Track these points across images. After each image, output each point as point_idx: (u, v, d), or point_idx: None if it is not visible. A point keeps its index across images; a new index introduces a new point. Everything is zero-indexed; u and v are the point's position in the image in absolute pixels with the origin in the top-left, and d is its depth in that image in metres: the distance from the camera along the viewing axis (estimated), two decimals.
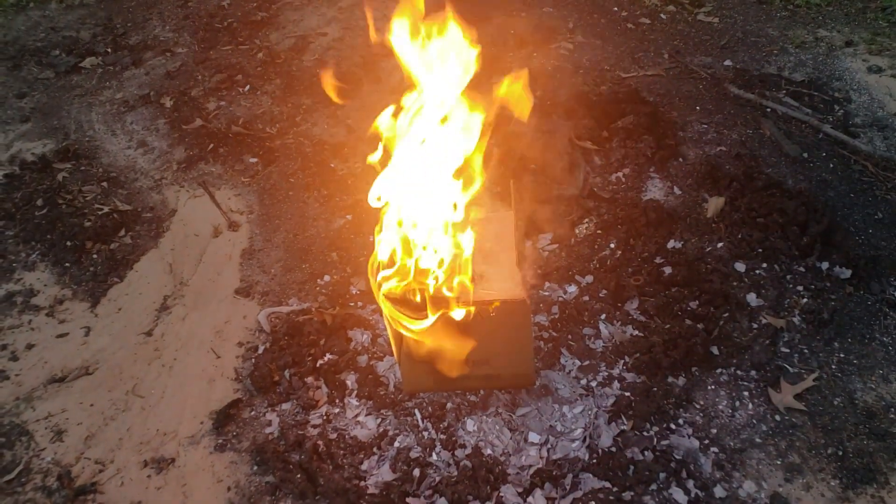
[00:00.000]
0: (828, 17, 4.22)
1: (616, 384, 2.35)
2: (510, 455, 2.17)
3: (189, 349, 2.64)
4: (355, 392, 2.39)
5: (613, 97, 3.57)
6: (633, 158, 3.22)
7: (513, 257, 2.15)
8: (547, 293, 2.69)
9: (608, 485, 2.07)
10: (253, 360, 2.55)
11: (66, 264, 3.05)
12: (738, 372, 2.38)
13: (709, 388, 2.34)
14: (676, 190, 3.09)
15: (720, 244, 2.79)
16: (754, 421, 2.23)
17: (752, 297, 2.59)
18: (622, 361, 2.42)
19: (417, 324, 1.99)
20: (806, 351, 2.43)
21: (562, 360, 2.43)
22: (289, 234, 3.11)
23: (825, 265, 2.68)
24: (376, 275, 1.99)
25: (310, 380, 2.44)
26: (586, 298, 2.64)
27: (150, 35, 4.66)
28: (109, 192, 3.42)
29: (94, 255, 3.09)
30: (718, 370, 2.38)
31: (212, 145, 3.65)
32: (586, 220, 2.97)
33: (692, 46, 4.06)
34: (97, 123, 3.92)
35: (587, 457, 2.14)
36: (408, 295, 1.97)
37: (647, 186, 3.12)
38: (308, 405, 2.37)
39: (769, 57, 3.90)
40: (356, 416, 2.33)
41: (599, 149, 3.31)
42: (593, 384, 2.36)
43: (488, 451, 2.18)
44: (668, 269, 2.71)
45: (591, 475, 2.10)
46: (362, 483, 2.14)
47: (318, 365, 2.49)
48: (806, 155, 3.20)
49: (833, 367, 2.38)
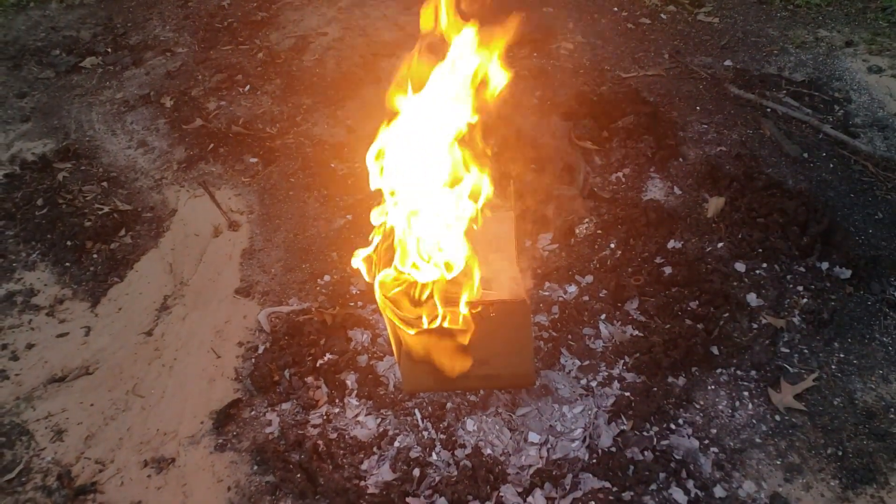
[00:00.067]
0: (828, 17, 4.22)
1: (616, 384, 2.35)
2: (510, 455, 2.17)
3: (189, 349, 2.64)
4: (355, 392, 2.39)
5: (613, 97, 3.57)
6: (633, 158, 3.22)
7: (513, 257, 2.15)
8: (547, 293, 2.69)
9: (608, 485, 2.07)
10: (253, 360, 2.55)
11: (67, 264, 3.05)
12: (738, 372, 2.38)
13: (709, 388, 2.34)
14: (677, 190, 3.09)
15: (720, 244, 2.79)
16: (754, 421, 2.23)
17: (752, 297, 2.59)
18: (622, 361, 2.42)
19: (417, 327, 1.99)
20: (806, 351, 2.43)
21: (562, 360, 2.43)
22: (289, 233, 3.11)
23: (825, 265, 2.68)
24: (376, 274, 2.00)
25: (310, 380, 2.44)
26: (586, 298, 2.64)
27: (151, 35, 4.66)
28: (110, 192, 3.42)
29: (95, 255, 3.09)
30: (718, 370, 2.38)
31: (212, 145, 3.65)
32: (586, 220, 2.97)
33: (692, 46, 4.06)
34: (97, 123, 3.92)
35: (587, 457, 2.14)
36: (408, 294, 1.97)
37: (647, 186, 3.12)
38: (308, 405, 2.37)
39: (769, 57, 3.90)
40: (356, 415, 2.33)
41: (599, 149, 3.31)
42: (593, 384, 2.36)
43: (488, 451, 2.18)
44: (668, 269, 2.71)
45: (591, 475, 2.10)
46: (362, 483, 2.14)
47: (318, 365, 2.49)
48: (806, 155, 3.20)
49: (833, 367, 2.38)
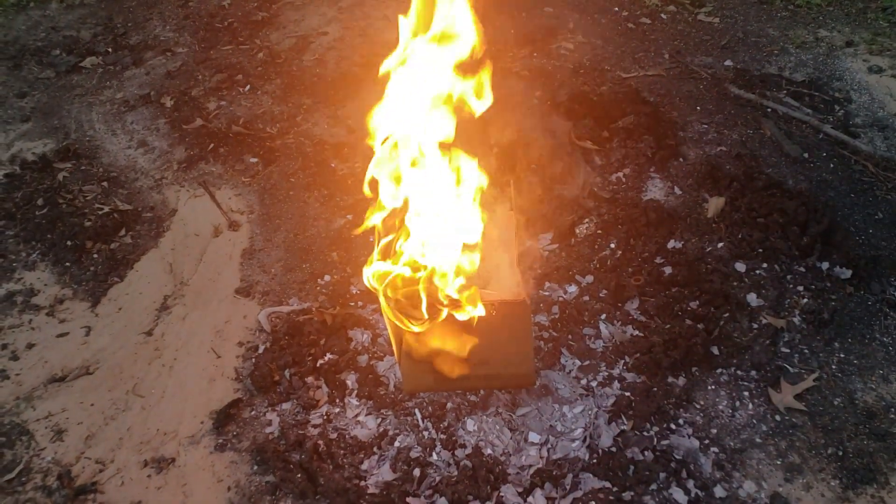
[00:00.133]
0: (828, 17, 4.22)
1: (616, 384, 2.35)
2: (510, 455, 2.17)
3: (189, 349, 2.64)
4: (355, 392, 2.39)
5: (614, 97, 3.57)
6: (633, 158, 3.22)
7: (513, 257, 2.15)
8: (547, 293, 2.69)
9: (608, 485, 2.07)
10: (253, 360, 2.55)
11: (67, 264, 3.05)
12: (739, 372, 2.38)
13: (709, 388, 2.34)
14: (677, 190, 3.09)
15: (720, 244, 2.79)
16: (754, 421, 2.23)
17: (752, 297, 2.59)
18: (622, 361, 2.42)
19: (419, 325, 1.99)
20: (806, 351, 2.43)
21: (562, 360, 2.43)
22: (289, 233, 3.11)
23: (825, 265, 2.68)
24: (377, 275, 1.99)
25: (310, 379, 2.44)
26: (586, 298, 2.64)
27: (151, 35, 4.66)
28: (110, 192, 3.42)
29: (95, 255, 3.09)
30: (718, 370, 2.38)
31: (212, 145, 3.65)
32: (586, 220, 2.97)
33: (693, 46, 4.06)
34: (97, 123, 3.92)
35: (587, 457, 2.14)
36: (410, 295, 1.97)
37: (647, 186, 3.12)
38: (308, 405, 2.37)
39: (770, 57, 3.90)
40: (356, 415, 2.33)
41: (600, 149, 3.31)
42: (593, 384, 2.36)
43: (488, 451, 2.18)
44: (668, 269, 2.71)
45: (591, 475, 2.10)
46: (362, 483, 2.14)
47: (318, 365, 2.49)
48: (806, 155, 3.20)
49: (833, 367, 2.38)
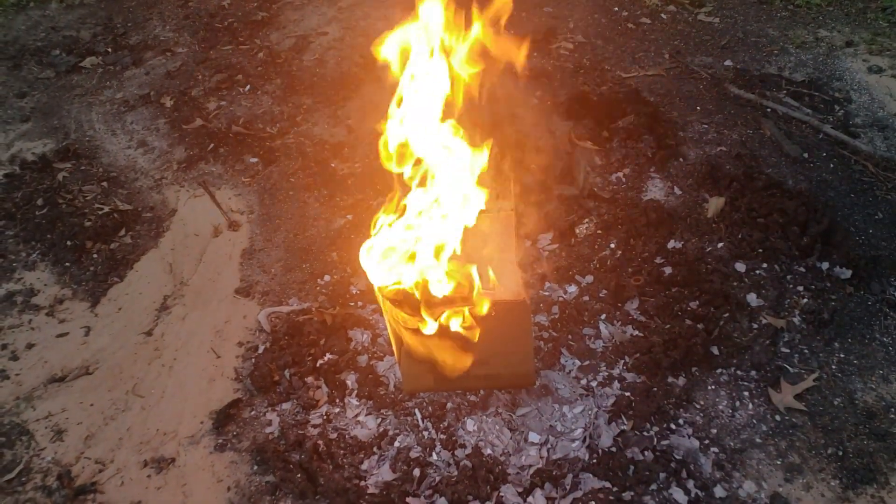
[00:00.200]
0: (828, 18, 4.22)
1: (616, 384, 2.35)
2: (510, 455, 2.17)
3: (189, 349, 2.64)
4: (355, 392, 2.39)
5: (614, 97, 3.57)
6: (633, 158, 3.22)
7: (513, 257, 2.15)
8: (547, 293, 2.69)
9: (608, 485, 2.07)
10: (253, 360, 2.55)
11: (67, 264, 3.05)
12: (739, 372, 2.37)
13: (709, 388, 2.34)
14: (677, 190, 3.09)
15: (720, 244, 2.79)
16: (754, 421, 2.23)
17: (752, 298, 2.59)
18: (622, 361, 2.42)
19: (420, 326, 1.98)
20: (806, 351, 2.43)
21: (562, 360, 2.43)
22: (289, 233, 3.11)
23: (825, 265, 2.68)
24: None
25: (310, 379, 2.44)
26: (586, 298, 2.64)
27: (151, 35, 4.66)
28: (109, 192, 3.42)
29: (94, 255, 3.09)
30: (718, 370, 2.38)
31: (212, 145, 3.65)
32: (586, 220, 2.97)
33: (693, 46, 4.06)
34: (97, 123, 3.92)
35: (587, 457, 2.14)
36: (409, 295, 1.97)
37: (647, 186, 3.12)
38: (308, 405, 2.37)
39: (769, 57, 3.90)
40: (356, 415, 2.33)
41: (600, 149, 3.31)
42: (593, 384, 2.35)
43: (488, 451, 2.17)
44: (668, 269, 2.71)
45: (591, 475, 2.10)
46: (362, 483, 2.14)
47: (318, 365, 2.49)
48: (806, 155, 3.20)
49: (833, 367, 2.38)
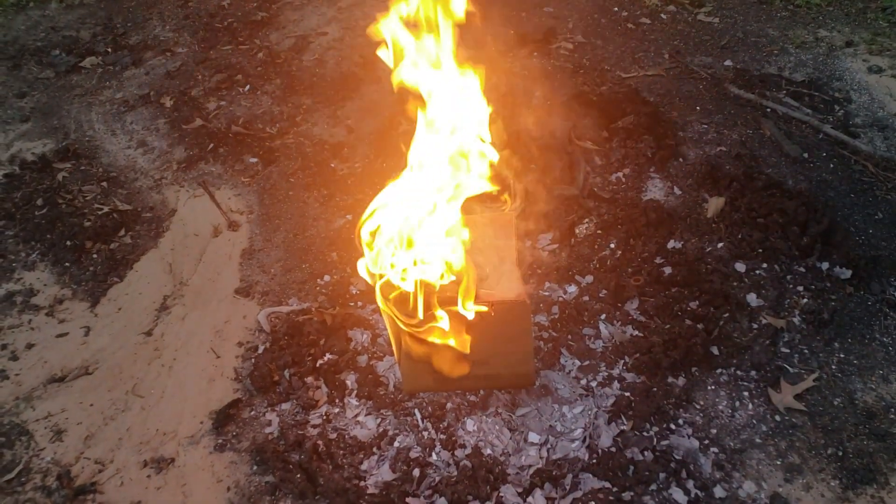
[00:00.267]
0: (828, 17, 4.22)
1: (616, 384, 2.35)
2: (510, 455, 2.17)
3: (189, 349, 2.64)
4: (355, 392, 2.39)
5: (613, 97, 3.57)
6: (633, 158, 3.22)
7: (513, 257, 2.15)
8: (547, 293, 2.69)
9: (608, 485, 2.07)
10: (253, 360, 2.55)
11: (66, 264, 3.05)
12: (738, 372, 2.37)
13: (709, 388, 2.34)
14: (676, 190, 3.09)
15: (720, 244, 2.79)
16: (754, 421, 2.23)
17: (752, 298, 2.59)
18: (622, 361, 2.42)
19: (419, 326, 1.98)
20: (806, 351, 2.43)
21: (562, 360, 2.43)
22: (289, 233, 3.11)
23: (825, 265, 2.68)
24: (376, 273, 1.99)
25: (310, 380, 2.44)
26: (586, 298, 2.64)
27: (151, 35, 4.66)
28: (109, 192, 3.42)
29: (94, 255, 3.09)
30: (718, 370, 2.38)
31: (212, 145, 3.65)
32: (586, 220, 2.97)
33: (692, 46, 4.06)
34: (97, 123, 3.92)
35: (587, 457, 2.14)
36: (408, 295, 1.97)
37: (647, 186, 3.12)
38: (308, 405, 2.37)
39: (769, 57, 3.90)
40: (356, 415, 2.33)
41: (599, 149, 3.31)
42: (593, 384, 2.35)
43: (488, 451, 2.17)
44: (668, 270, 2.71)
45: (591, 475, 2.10)
46: (362, 483, 2.14)
47: (318, 365, 2.49)
48: (806, 155, 3.20)
49: (833, 367, 2.38)
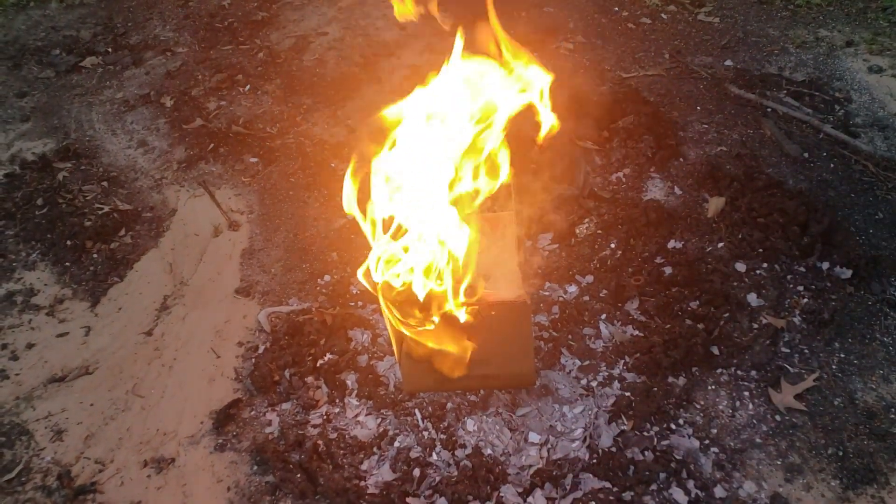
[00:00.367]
0: (828, 17, 4.22)
1: (616, 384, 2.35)
2: (510, 455, 2.17)
3: (189, 349, 2.64)
4: (355, 392, 2.39)
5: (614, 97, 3.57)
6: (633, 158, 3.22)
7: (513, 257, 2.14)
8: (547, 293, 2.69)
9: (608, 485, 2.07)
10: (253, 360, 2.55)
11: (67, 264, 3.05)
12: (739, 372, 2.37)
13: (709, 388, 2.34)
14: (677, 190, 3.09)
15: (720, 244, 2.79)
16: (754, 421, 2.23)
17: (752, 297, 2.59)
18: (622, 361, 2.42)
19: (420, 325, 1.98)
20: (806, 351, 2.43)
21: (562, 360, 2.43)
22: (289, 233, 3.11)
23: (826, 265, 2.68)
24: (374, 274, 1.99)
25: (310, 380, 2.44)
26: (586, 298, 2.64)
27: (151, 35, 4.66)
28: (109, 192, 3.42)
29: (95, 255, 3.09)
30: (719, 370, 2.38)
31: (212, 145, 3.65)
32: (586, 220, 2.97)
33: (693, 46, 4.06)
34: (97, 123, 3.92)
35: (587, 457, 2.14)
36: (409, 296, 1.97)
37: (647, 186, 3.12)
38: (308, 405, 2.37)
39: (770, 57, 3.90)
40: (356, 415, 2.33)
41: (600, 149, 3.31)
42: (593, 384, 2.35)
43: (488, 451, 2.17)
44: (668, 269, 2.71)
45: (592, 475, 2.10)
46: (362, 483, 2.14)
47: (318, 365, 2.49)
48: (806, 155, 3.19)
49: (833, 367, 2.38)
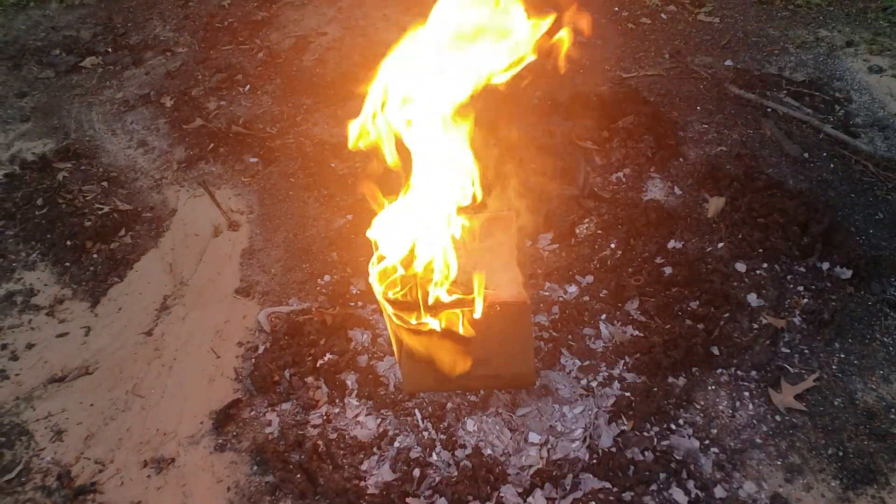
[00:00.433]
0: (829, 17, 4.22)
1: (616, 384, 2.35)
2: (510, 455, 2.17)
3: (189, 349, 2.64)
4: (355, 392, 2.39)
5: (614, 97, 3.57)
6: (633, 158, 3.22)
7: (513, 257, 2.14)
8: (547, 293, 2.69)
9: (608, 485, 2.07)
10: (253, 360, 2.55)
11: (66, 264, 3.05)
12: (739, 372, 2.37)
13: (709, 388, 2.34)
14: (677, 190, 3.09)
15: (721, 244, 2.79)
16: (755, 421, 2.23)
17: (752, 298, 2.59)
18: (622, 361, 2.42)
19: (420, 326, 1.98)
20: (806, 351, 2.43)
21: (562, 360, 2.43)
22: (289, 233, 3.11)
23: (826, 265, 2.67)
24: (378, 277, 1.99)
25: (310, 380, 2.44)
26: (586, 298, 2.64)
27: (151, 35, 4.66)
28: (109, 192, 3.42)
29: (94, 255, 3.09)
30: (719, 370, 2.38)
31: (212, 145, 3.65)
32: (587, 220, 2.97)
33: (693, 46, 4.06)
34: (97, 123, 3.92)
35: (587, 457, 2.14)
36: (410, 297, 1.97)
37: (647, 186, 3.12)
38: (308, 405, 2.37)
39: (770, 57, 3.90)
40: (356, 416, 2.33)
41: (600, 149, 3.31)
42: (593, 384, 2.35)
43: (488, 452, 2.17)
44: (668, 269, 2.70)
45: (592, 475, 2.10)
46: (362, 483, 2.14)
47: (318, 365, 2.49)
48: (807, 155, 3.19)
49: (833, 367, 2.38)
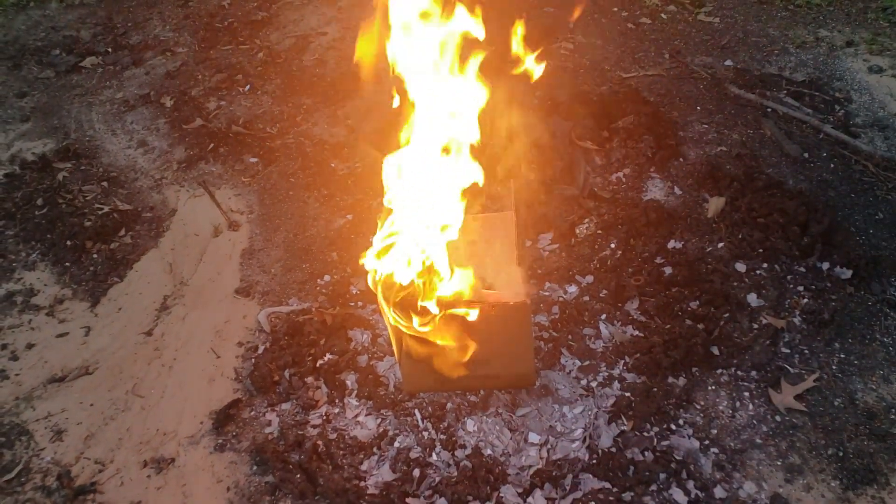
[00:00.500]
0: (828, 17, 4.22)
1: (616, 384, 2.35)
2: (510, 455, 2.17)
3: (189, 349, 2.64)
4: (355, 392, 2.39)
5: (614, 97, 3.57)
6: (633, 158, 3.22)
7: (513, 257, 2.15)
8: (547, 293, 2.69)
9: (608, 485, 2.07)
10: (253, 360, 2.55)
11: (66, 264, 3.05)
12: (739, 372, 2.37)
13: (709, 388, 2.33)
14: (677, 190, 3.09)
15: (721, 244, 2.79)
16: (755, 421, 2.23)
17: (752, 298, 2.59)
18: (622, 362, 2.42)
19: (420, 326, 1.98)
20: (806, 351, 2.43)
21: (562, 361, 2.43)
22: (289, 233, 3.11)
23: (826, 265, 2.67)
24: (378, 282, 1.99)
25: (310, 380, 2.44)
26: (586, 298, 2.64)
27: (151, 35, 4.66)
28: (109, 192, 3.42)
29: (94, 255, 3.09)
30: (719, 370, 2.38)
31: (212, 145, 3.65)
32: (586, 220, 2.97)
33: (693, 46, 4.06)
34: (97, 123, 3.92)
35: (587, 457, 2.14)
36: (410, 296, 1.97)
37: (647, 186, 3.12)
38: (308, 405, 2.37)
39: (770, 57, 3.90)
40: (356, 416, 2.33)
41: (600, 149, 3.31)
42: (593, 384, 2.35)
43: (488, 452, 2.17)
44: (668, 270, 2.70)
45: (591, 475, 2.10)
46: (362, 483, 2.14)
47: (318, 365, 2.49)
48: (807, 155, 3.19)
49: (833, 367, 2.38)
